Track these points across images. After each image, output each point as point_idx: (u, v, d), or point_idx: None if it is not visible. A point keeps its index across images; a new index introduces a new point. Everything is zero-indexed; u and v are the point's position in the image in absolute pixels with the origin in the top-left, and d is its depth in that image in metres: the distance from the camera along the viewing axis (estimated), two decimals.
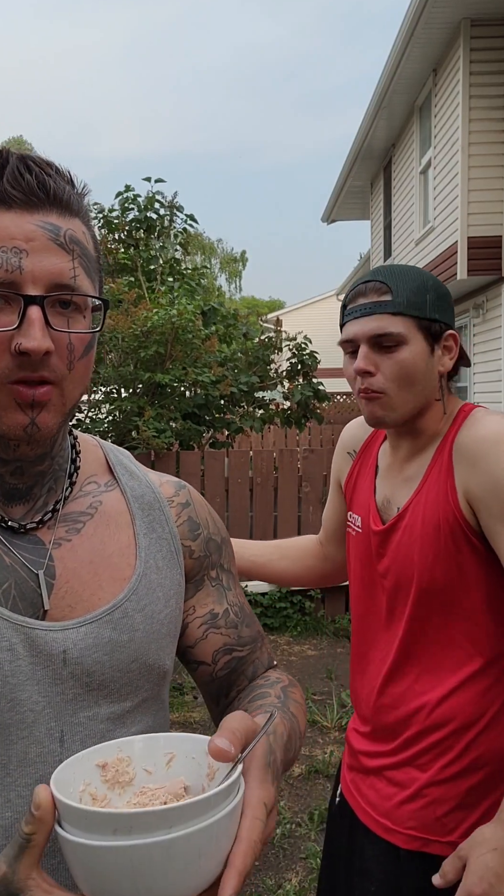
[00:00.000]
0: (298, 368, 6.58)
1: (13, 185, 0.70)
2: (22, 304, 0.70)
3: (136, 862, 0.56)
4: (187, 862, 0.57)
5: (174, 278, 6.59)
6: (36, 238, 0.71)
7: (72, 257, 0.73)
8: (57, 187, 0.73)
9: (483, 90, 8.50)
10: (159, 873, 0.57)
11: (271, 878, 2.65)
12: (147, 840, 0.56)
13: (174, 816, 0.57)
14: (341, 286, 23.18)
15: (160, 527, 0.88)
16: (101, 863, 0.57)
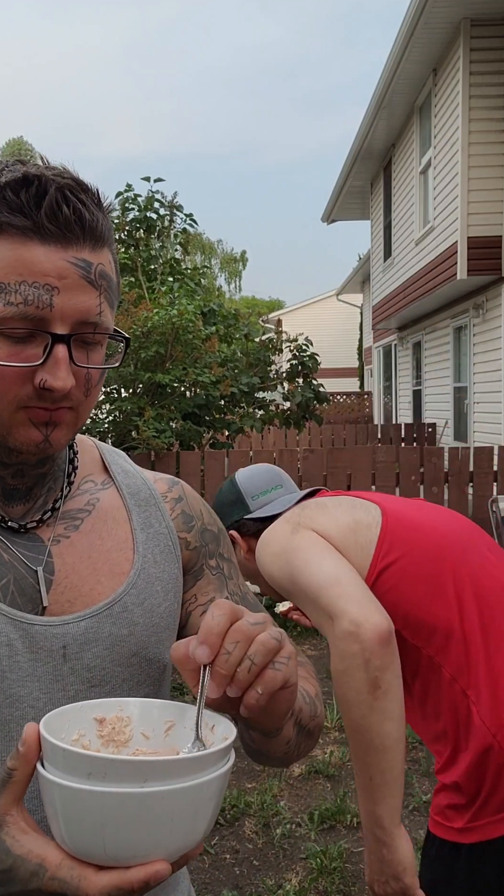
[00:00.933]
0: (299, 370, 6.58)
1: (51, 219, 0.69)
2: (49, 342, 0.71)
3: (105, 810, 0.55)
4: (158, 821, 0.56)
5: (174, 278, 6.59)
6: (68, 276, 0.70)
7: (99, 293, 0.73)
8: (92, 219, 0.72)
9: (483, 90, 8.50)
10: (127, 827, 0.55)
11: (271, 879, 2.65)
12: (118, 789, 0.55)
13: (150, 770, 0.56)
14: (341, 286, 23.18)
15: (157, 522, 0.89)
16: (72, 805, 0.56)
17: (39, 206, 0.69)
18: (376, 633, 1.23)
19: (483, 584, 1.43)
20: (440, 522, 1.53)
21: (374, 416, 18.09)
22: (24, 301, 0.69)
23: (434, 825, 1.42)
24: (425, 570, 1.42)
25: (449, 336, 10.92)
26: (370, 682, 1.24)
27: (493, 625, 1.39)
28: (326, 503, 1.52)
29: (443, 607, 1.39)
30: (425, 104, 10.32)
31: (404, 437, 11.74)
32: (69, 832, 0.58)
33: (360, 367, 24.51)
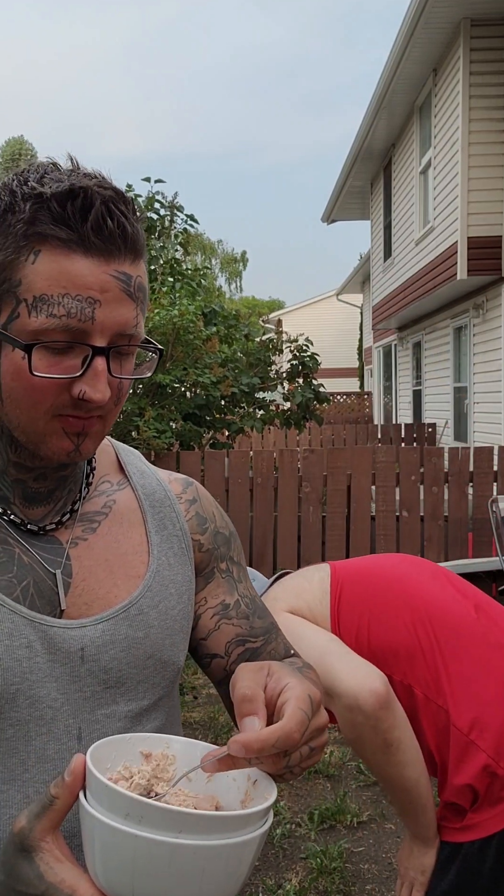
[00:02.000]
0: (299, 370, 6.58)
1: (96, 232, 0.69)
2: (90, 354, 0.71)
3: (137, 854, 0.55)
4: (188, 875, 0.55)
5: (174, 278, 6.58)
6: (110, 289, 0.71)
7: (136, 305, 0.74)
8: (133, 232, 0.72)
9: (483, 90, 8.50)
10: (156, 875, 0.55)
11: (271, 878, 2.65)
12: (151, 835, 0.54)
13: (185, 822, 0.55)
14: (341, 286, 23.18)
15: (171, 524, 0.89)
16: (107, 842, 0.56)
17: (85, 219, 0.69)
18: (375, 699, 1.32)
19: (434, 600, 1.51)
20: (382, 560, 1.68)
21: (374, 416, 18.10)
22: (66, 314, 0.69)
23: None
24: (372, 598, 1.51)
25: (449, 336, 10.92)
26: (382, 744, 1.34)
27: (445, 636, 1.46)
28: (287, 581, 1.65)
29: (398, 629, 1.47)
30: (425, 104, 10.32)
31: (404, 437, 11.74)
32: (102, 868, 0.58)
33: (360, 367, 24.51)
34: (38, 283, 0.69)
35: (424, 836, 1.41)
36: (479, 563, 4.93)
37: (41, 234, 0.69)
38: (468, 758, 1.37)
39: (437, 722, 1.41)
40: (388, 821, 3.00)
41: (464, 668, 1.43)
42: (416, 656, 1.44)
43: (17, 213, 0.70)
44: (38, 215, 0.69)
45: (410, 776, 1.36)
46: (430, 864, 1.41)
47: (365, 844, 2.86)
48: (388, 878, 2.66)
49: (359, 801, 3.14)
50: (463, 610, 1.51)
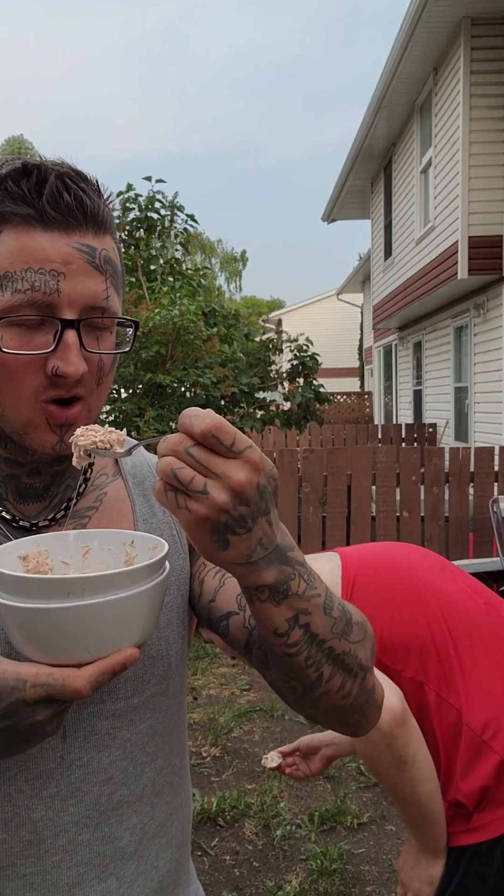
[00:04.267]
0: (299, 370, 6.57)
1: (53, 205, 0.70)
2: (59, 328, 0.71)
3: (88, 619, 0.63)
4: (131, 618, 0.65)
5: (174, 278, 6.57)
6: (73, 261, 0.71)
7: (105, 278, 0.73)
8: (93, 206, 0.72)
9: (484, 89, 8.49)
10: (108, 628, 0.64)
11: (271, 880, 2.64)
12: (99, 599, 0.63)
13: (123, 579, 0.64)
14: (341, 286, 23.16)
15: (160, 511, 0.88)
16: (55, 623, 0.63)
17: (41, 194, 0.69)
18: (391, 717, 1.30)
19: (446, 595, 1.48)
20: (394, 550, 1.62)
21: (374, 416, 18.08)
22: (31, 287, 0.69)
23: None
24: (386, 591, 1.47)
25: (449, 336, 10.91)
26: (397, 760, 1.32)
27: (458, 633, 1.43)
28: None
29: (411, 623, 1.44)
30: (426, 103, 10.31)
31: (405, 437, 11.73)
32: (49, 647, 0.64)
33: (360, 367, 24.49)
34: (1, 262, 0.70)
35: (434, 848, 1.39)
36: (479, 563, 4.92)
37: (0, 214, 0.70)
38: (481, 758, 1.35)
39: (447, 721, 1.39)
40: (389, 822, 3.00)
41: (478, 667, 1.41)
42: (428, 653, 1.42)
43: None
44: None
45: (424, 791, 1.34)
46: (438, 876, 1.40)
47: (365, 846, 2.85)
48: (388, 879, 2.65)
49: (359, 803, 3.13)
50: (475, 606, 1.49)
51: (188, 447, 0.58)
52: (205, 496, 0.58)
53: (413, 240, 11.12)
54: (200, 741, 3.63)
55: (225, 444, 0.58)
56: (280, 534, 0.64)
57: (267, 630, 0.67)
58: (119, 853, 0.80)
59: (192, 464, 0.58)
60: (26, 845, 0.75)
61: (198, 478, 0.58)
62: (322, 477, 5.20)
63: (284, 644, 0.67)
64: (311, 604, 0.67)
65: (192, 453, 0.58)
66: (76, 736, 0.77)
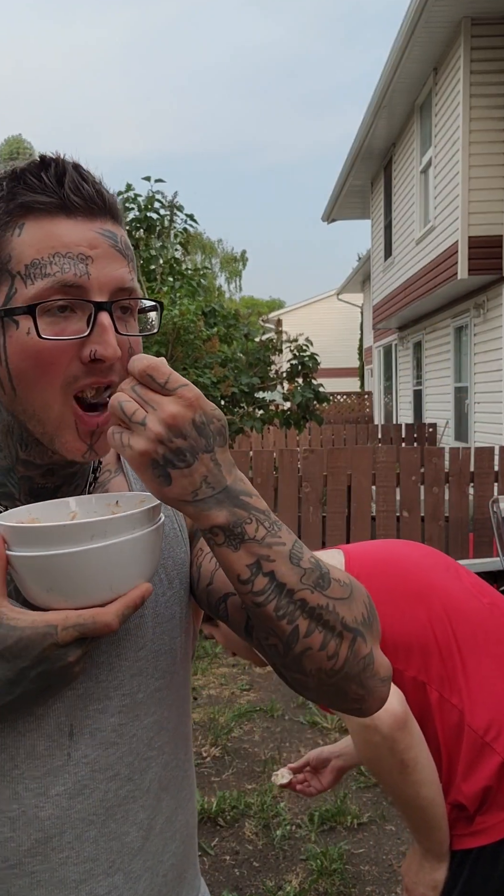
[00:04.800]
0: (299, 370, 6.57)
1: (76, 193, 0.71)
2: (92, 311, 0.71)
3: (111, 558, 0.67)
4: (145, 555, 0.71)
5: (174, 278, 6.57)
6: (99, 245, 0.72)
7: (127, 262, 0.75)
8: (110, 196, 0.75)
9: (484, 89, 8.49)
10: (128, 566, 0.69)
11: (271, 880, 2.64)
12: (121, 538, 0.68)
13: (138, 519, 0.69)
14: (341, 286, 23.17)
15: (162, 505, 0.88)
16: (81, 566, 0.67)
17: (62, 183, 0.71)
18: (393, 720, 1.29)
19: (449, 594, 1.46)
20: (398, 547, 1.60)
21: (374, 416, 18.08)
22: (60, 270, 0.70)
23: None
24: (388, 589, 1.45)
25: (449, 336, 10.91)
26: (399, 764, 1.31)
27: (462, 633, 1.42)
28: None
29: (414, 622, 1.42)
30: (426, 103, 10.31)
31: (405, 437, 11.73)
32: (75, 592, 0.68)
33: (360, 367, 24.50)
34: (28, 251, 0.71)
35: (438, 852, 1.38)
36: (479, 563, 4.92)
37: (22, 206, 0.71)
38: (483, 760, 1.34)
39: (449, 721, 1.38)
40: (389, 822, 2.99)
41: (481, 667, 1.40)
42: (431, 652, 1.40)
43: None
44: (16, 189, 0.71)
45: (427, 795, 1.33)
46: (442, 880, 1.39)
47: (365, 846, 2.85)
48: (388, 879, 2.65)
49: (359, 803, 3.13)
50: (479, 606, 1.47)
51: (133, 385, 0.66)
52: (142, 427, 0.64)
53: (413, 240, 11.12)
54: (200, 741, 3.63)
55: (159, 381, 0.65)
56: (233, 478, 0.68)
57: (232, 578, 0.68)
58: (126, 849, 0.80)
59: (136, 398, 0.65)
60: (34, 843, 0.75)
61: (139, 411, 0.64)
62: (322, 477, 5.20)
63: (251, 592, 0.68)
64: (274, 551, 0.67)
65: (135, 390, 0.66)
66: (83, 733, 0.77)
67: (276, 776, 1.78)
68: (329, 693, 0.74)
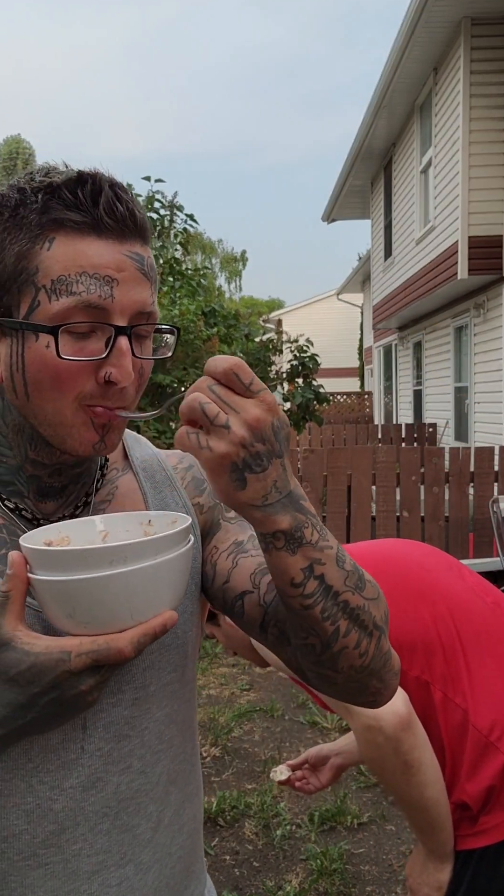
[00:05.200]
0: (299, 370, 6.57)
1: (109, 214, 0.71)
2: (112, 334, 0.72)
3: (131, 586, 0.65)
4: (169, 582, 0.68)
5: (174, 278, 6.58)
6: (126, 268, 0.72)
7: (151, 285, 0.75)
8: (141, 216, 0.75)
9: (484, 89, 8.49)
10: (149, 593, 0.67)
11: (271, 880, 2.64)
12: (141, 565, 0.65)
13: (160, 544, 0.67)
14: (341, 286, 23.16)
15: (173, 503, 0.90)
16: (99, 593, 0.65)
17: (97, 202, 0.71)
18: (397, 721, 1.28)
19: (453, 593, 1.46)
20: (399, 546, 1.59)
21: (374, 416, 18.08)
22: (86, 290, 0.70)
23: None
24: (391, 589, 1.44)
25: (449, 336, 10.91)
26: (402, 765, 1.30)
27: (466, 632, 1.42)
28: None
29: (417, 621, 1.42)
30: (426, 103, 10.31)
31: (405, 437, 11.73)
32: (93, 618, 0.66)
33: (360, 367, 24.49)
34: (55, 267, 0.71)
35: (441, 853, 1.38)
36: (479, 563, 4.92)
37: (55, 221, 0.71)
38: (487, 759, 1.34)
39: (453, 721, 1.37)
40: (389, 822, 3.00)
41: (485, 667, 1.39)
42: (435, 652, 1.40)
43: (30, 204, 0.72)
44: (51, 203, 0.71)
45: (430, 796, 1.33)
46: (446, 881, 1.38)
47: (365, 846, 2.85)
48: (388, 879, 2.65)
49: (359, 803, 3.13)
50: (483, 605, 1.47)
51: (212, 385, 0.64)
52: (226, 430, 0.62)
53: (413, 240, 11.12)
54: (200, 741, 3.63)
55: (244, 382, 0.63)
56: (294, 482, 0.68)
57: (284, 581, 0.69)
58: (136, 840, 0.82)
59: (216, 400, 0.63)
60: (48, 835, 0.77)
61: (221, 413, 0.63)
62: (322, 477, 5.20)
63: (301, 595, 0.69)
64: (325, 554, 0.69)
65: (214, 390, 0.63)
66: (96, 726, 0.79)
67: (274, 773, 1.78)
68: (352, 689, 0.77)
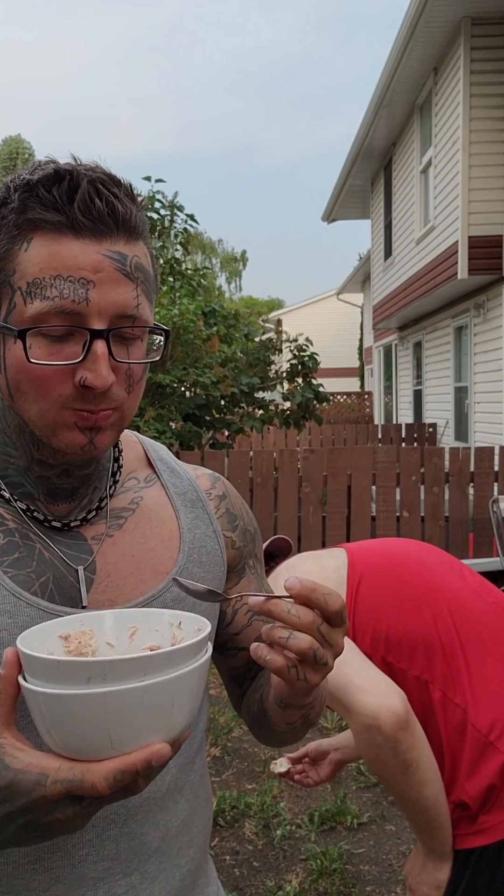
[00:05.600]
0: (299, 370, 6.57)
1: (84, 212, 0.68)
2: (88, 338, 0.70)
3: (109, 709, 0.57)
4: (159, 709, 0.59)
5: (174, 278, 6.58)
6: (103, 269, 0.69)
7: (135, 285, 0.72)
8: (125, 211, 0.71)
9: (484, 89, 8.49)
10: (132, 720, 0.58)
11: (271, 880, 2.64)
12: (120, 687, 0.57)
13: (149, 664, 0.58)
14: (342, 285, 23.16)
15: (203, 524, 0.89)
16: (74, 712, 0.57)
17: (72, 200, 0.69)
18: (395, 720, 1.28)
19: (453, 593, 1.46)
20: (401, 545, 1.60)
21: (374, 416, 18.08)
22: (59, 295, 0.68)
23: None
24: (392, 587, 1.45)
25: (450, 336, 10.91)
26: (401, 764, 1.30)
27: (466, 632, 1.42)
28: (299, 567, 1.55)
29: (418, 620, 1.42)
30: (426, 103, 10.31)
31: (405, 437, 11.73)
32: (69, 738, 0.59)
33: (360, 367, 24.49)
34: (31, 269, 0.69)
35: (440, 852, 1.38)
36: (479, 563, 4.92)
37: (31, 221, 0.69)
38: (486, 759, 1.34)
39: (452, 720, 1.37)
40: (389, 822, 3.00)
41: (485, 667, 1.39)
42: (435, 651, 1.40)
43: (9, 203, 0.70)
44: (28, 203, 0.69)
45: (429, 795, 1.33)
46: (445, 879, 1.38)
47: (365, 846, 2.85)
48: (388, 879, 2.65)
49: (359, 803, 3.13)
50: (483, 605, 1.47)
51: (320, 625, 0.65)
52: (325, 667, 0.67)
53: (413, 240, 11.12)
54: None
55: (344, 617, 0.66)
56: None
57: (283, 723, 0.81)
58: (143, 849, 0.81)
59: (322, 641, 0.66)
60: (55, 840, 0.76)
61: (328, 656, 0.67)
62: (322, 477, 5.20)
63: (289, 727, 0.82)
64: (317, 700, 0.81)
65: (321, 631, 0.65)
66: None
67: (274, 764, 1.79)
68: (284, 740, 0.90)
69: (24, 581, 0.75)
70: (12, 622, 0.73)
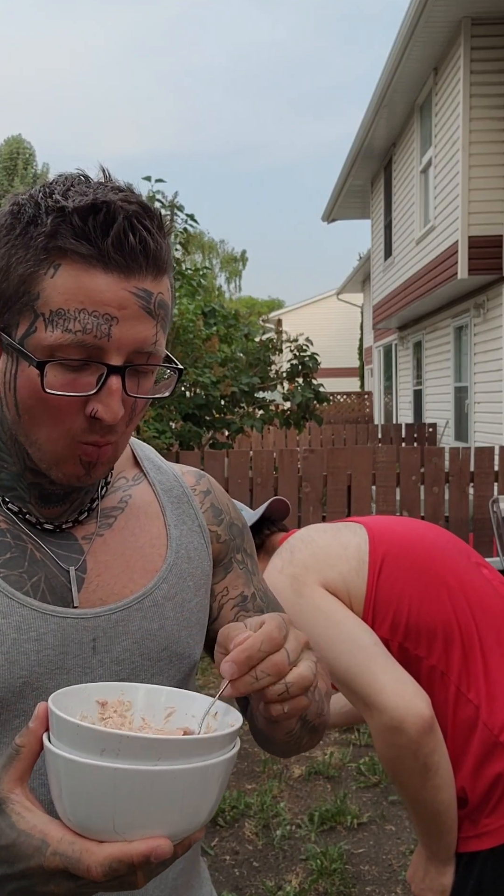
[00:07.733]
0: (299, 370, 6.57)
1: (116, 248, 0.68)
2: (105, 372, 0.70)
3: (117, 786, 0.55)
4: (169, 800, 0.56)
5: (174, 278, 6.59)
6: (128, 306, 0.69)
7: (156, 322, 0.72)
8: (156, 247, 0.71)
9: (484, 89, 8.49)
10: (139, 804, 0.56)
11: (271, 880, 2.64)
12: (131, 766, 0.55)
13: (164, 749, 0.56)
14: (342, 285, 23.16)
15: (189, 519, 0.90)
16: (82, 781, 0.56)
17: (107, 234, 0.68)
18: (420, 722, 1.25)
19: (473, 586, 1.44)
20: (423, 530, 1.56)
21: (374, 416, 18.08)
22: (82, 329, 0.68)
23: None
24: (415, 572, 1.42)
25: (450, 336, 10.91)
26: (421, 768, 1.28)
27: (484, 627, 1.40)
28: (316, 542, 1.48)
29: (439, 609, 1.39)
30: (426, 103, 10.31)
31: (405, 437, 11.73)
32: (76, 808, 0.57)
33: (360, 367, 24.50)
34: (56, 297, 0.68)
35: (444, 856, 1.37)
36: None
37: (61, 249, 0.68)
38: (493, 759, 1.33)
39: (462, 715, 1.36)
40: (389, 822, 3.00)
41: (501, 666, 1.38)
42: (454, 642, 1.37)
43: (39, 225, 0.69)
44: (60, 229, 0.68)
45: (444, 800, 1.31)
46: (449, 884, 1.37)
47: (365, 846, 2.85)
48: (388, 879, 2.65)
49: (359, 803, 3.13)
50: (501, 602, 1.45)
51: (288, 661, 0.66)
52: (308, 685, 0.67)
53: (413, 240, 11.12)
54: None
55: (287, 629, 0.69)
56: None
57: (280, 732, 0.79)
58: None
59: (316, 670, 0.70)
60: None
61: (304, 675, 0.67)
62: (322, 477, 5.20)
63: (286, 735, 0.80)
64: (315, 708, 0.81)
65: (291, 658, 0.66)
66: None
67: None
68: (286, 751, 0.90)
69: (16, 581, 0.76)
70: (5, 622, 0.74)
